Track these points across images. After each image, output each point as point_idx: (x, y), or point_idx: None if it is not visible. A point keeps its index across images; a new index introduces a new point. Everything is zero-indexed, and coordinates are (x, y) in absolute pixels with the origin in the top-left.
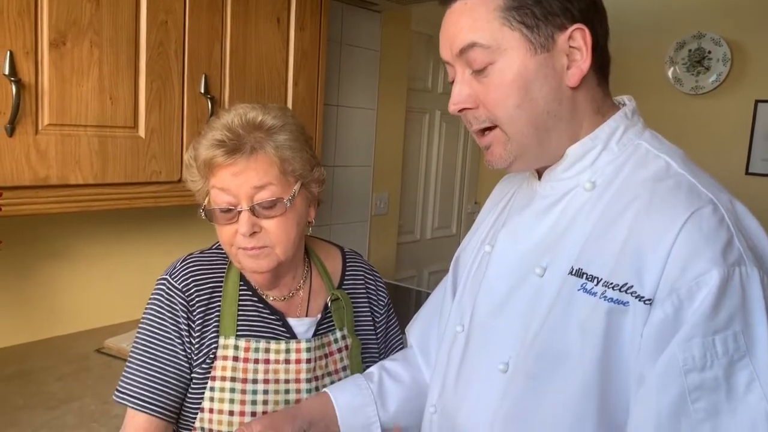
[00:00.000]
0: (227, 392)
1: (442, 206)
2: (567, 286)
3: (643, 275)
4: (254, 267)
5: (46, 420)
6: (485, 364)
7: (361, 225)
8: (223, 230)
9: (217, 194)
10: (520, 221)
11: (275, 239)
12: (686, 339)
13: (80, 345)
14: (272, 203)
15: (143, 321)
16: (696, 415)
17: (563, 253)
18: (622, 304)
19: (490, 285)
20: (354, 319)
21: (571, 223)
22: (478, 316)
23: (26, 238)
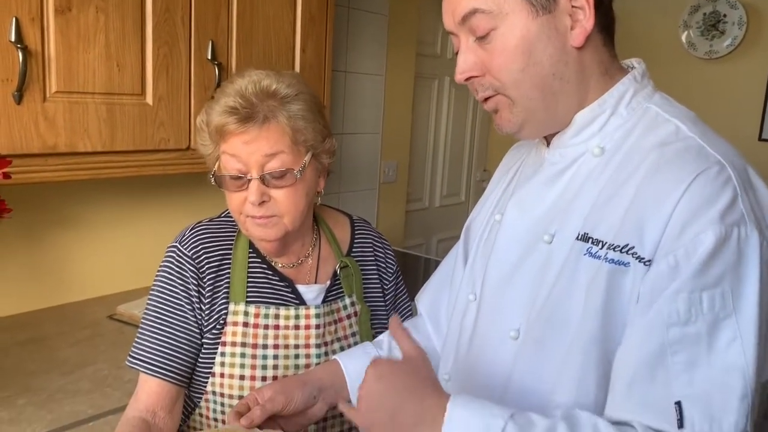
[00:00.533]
0: (238, 357)
1: (450, 174)
2: (574, 251)
3: (644, 236)
4: (262, 235)
5: (61, 385)
6: (497, 332)
7: (369, 193)
8: (232, 197)
9: (228, 160)
10: (529, 189)
11: (284, 209)
12: (673, 293)
13: (92, 311)
14: (282, 173)
15: (154, 288)
16: (674, 367)
17: (571, 219)
18: (623, 264)
19: (500, 254)
20: (363, 286)
21: (580, 190)
22: (489, 285)
23: (36, 206)
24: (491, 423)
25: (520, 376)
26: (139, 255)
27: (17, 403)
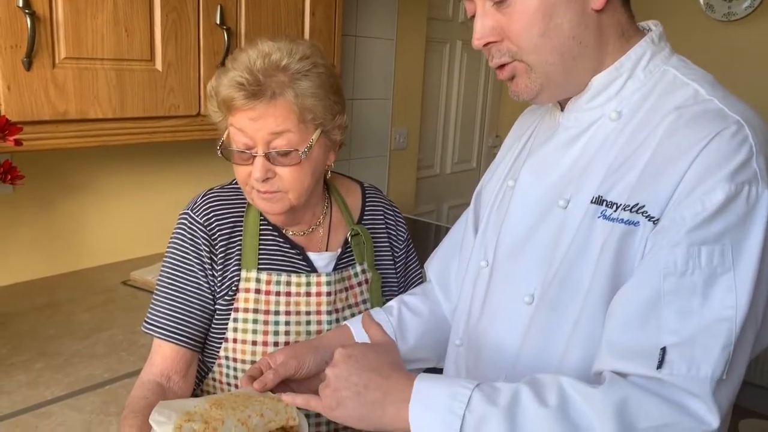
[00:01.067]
0: (250, 323)
1: (462, 140)
2: (588, 214)
3: (656, 196)
4: (266, 209)
5: (77, 349)
6: (511, 297)
7: (380, 160)
8: (238, 169)
9: (235, 134)
10: (544, 154)
11: (288, 186)
12: (672, 244)
13: (106, 277)
14: (287, 152)
15: (167, 255)
16: (666, 317)
17: (586, 183)
18: (633, 224)
19: (514, 219)
20: (374, 253)
21: (596, 154)
22: (502, 251)
23: (49, 173)
24: (457, 391)
25: (533, 340)
26: (151, 221)
27: (35, 366)
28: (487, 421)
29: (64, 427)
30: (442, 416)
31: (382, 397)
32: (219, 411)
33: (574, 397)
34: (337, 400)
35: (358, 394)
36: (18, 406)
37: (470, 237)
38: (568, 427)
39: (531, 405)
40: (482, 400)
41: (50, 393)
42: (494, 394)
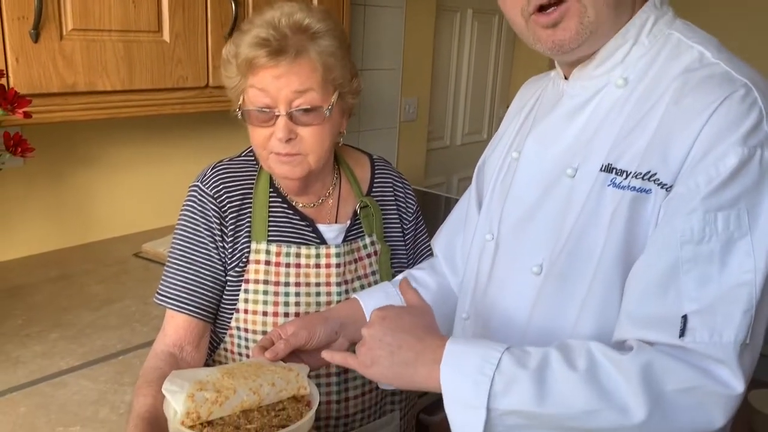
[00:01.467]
0: (260, 294)
1: (472, 111)
2: (597, 183)
3: (667, 163)
4: (285, 173)
5: (91, 320)
6: (518, 269)
7: (389, 131)
8: (256, 132)
9: (256, 95)
10: (549, 124)
11: (309, 147)
12: (688, 212)
13: (118, 249)
14: (311, 110)
15: (178, 227)
16: (686, 285)
17: (594, 151)
18: (644, 192)
19: (520, 191)
20: (383, 225)
21: (603, 122)
22: (508, 223)
23: (59, 146)
24: (488, 353)
25: (542, 311)
26: (161, 194)
27: (50, 337)
28: (517, 383)
29: (79, 396)
30: (472, 377)
31: (415, 358)
32: (231, 380)
33: (603, 362)
34: (372, 359)
35: (392, 354)
36: (34, 375)
37: (474, 212)
38: (597, 390)
39: (560, 368)
40: (512, 363)
41: (65, 363)
42: (524, 357)
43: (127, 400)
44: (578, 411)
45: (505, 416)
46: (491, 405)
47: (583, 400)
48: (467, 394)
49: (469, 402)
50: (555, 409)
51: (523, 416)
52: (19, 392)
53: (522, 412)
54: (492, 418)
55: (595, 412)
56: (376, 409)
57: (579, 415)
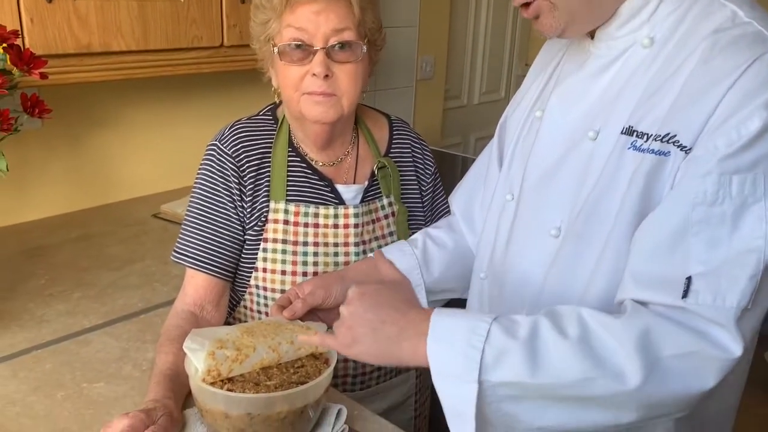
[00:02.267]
0: (279, 253)
1: (490, 69)
2: (618, 145)
3: (689, 125)
4: (318, 115)
5: (112, 280)
6: (537, 230)
7: (406, 90)
8: (290, 71)
9: (292, 33)
10: (573, 84)
11: (344, 88)
12: (704, 173)
13: (137, 210)
14: (349, 44)
15: (196, 186)
16: (694, 246)
17: (617, 113)
18: (663, 154)
19: (542, 151)
20: (401, 186)
21: (627, 83)
22: (529, 183)
23: (76, 108)
24: (476, 325)
25: (557, 273)
26: (178, 155)
27: (73, 296)
28: (508, 354)
29: (103, 353)
30: (461, 350)
31: (399, 333)
32: (250, 338)
33: (595, 328)
34: (353, 337)
35: (374, 330)
36: (59, 333)
37: (495, 169)
38: (591, 357)
39: (551, 337)
40: (502, 333)
41: (88, 321)
42: (513, 326)
43: (150, 357)
44: (572, 380)
45: (497, 387)
46: (483, 377)
47: (578, 369)
48: (457, 368)
49: (460, 375)
50: (548, 379)
51: (515, 387)
52: (44, 349)
53: (514, 383)
54: (484, 390)
55: (589, 380)
56: (393, 367)
57: (573, 384)
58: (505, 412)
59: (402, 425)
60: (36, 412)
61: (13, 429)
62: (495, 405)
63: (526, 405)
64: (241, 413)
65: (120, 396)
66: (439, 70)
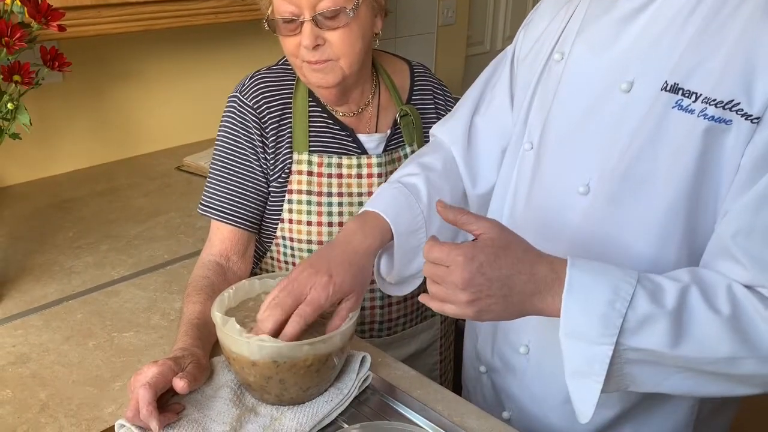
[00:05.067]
0: (304, 204)
1: (514, 12)
2: (660, 102)
3: (753, 91)
4: (319, 81)
5: (138, 232)
6: (562, 186)
7: (426, 37)
8: (286, 42)
9: (280, 4)
10: (601, 28)
11: (339, 52)
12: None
13: (160, 163)
14: (334, 13)
15: (219, 138)
16: None
17: (655, 65)
18: (724, 122)
19: (566, 100)
20: (423, 134)
21: (665, 30)
22: (554, 134)
23: (96, 60)
24: (619, 286)
25: (588, 235)
26: (201, 106)
27: (100, 248)
28: (652, 323)
29: (131, 303)
30: (602, 313)
31: (532, 293)
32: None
33: (748, 308)
34: (481, 308)
35: (505, 297)
36: (88, 285)
37: (506, 110)
38: (741, 338)
39: (701, 309)
40: (647, 299)
41: (116, 273)
42: (659, 292)
43: (177, 307)
44: (718, 357)
45: (631, 352)
46: (620, 340)
47: (725, 347)
48: (593, 330)
49: (595, 338)
50: (692, 353)
51: (652, 355)
52: (75, 300)
53: (653, 351)
54: (617, 353)
55: (737, 359)
56: (418, 314)
57: (718, 361)
58: (628, 373)
59: (427, 369)
60: (69, 360)
61: (48, 376)
62: (621, 366)
63: (653, 369)
64: (267, 361)
65: (149, 345)
66: (461, 15)
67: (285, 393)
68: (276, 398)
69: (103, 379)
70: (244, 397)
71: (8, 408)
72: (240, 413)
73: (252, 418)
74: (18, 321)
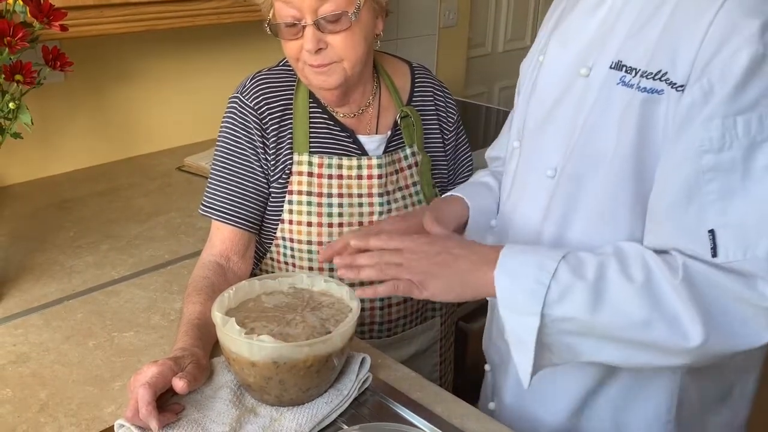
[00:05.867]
0: (304, 205)
1: (515, 15)
2: (608, 81)
3: (677, 60)
4: (322, 84)
5: (139, 232)
6: (534, 173)
7: (428, 38)
8: (288, 45)
9: (281, 7)
10: (570, 23)
11: (342, 54)
12: (707, 119)
13: (161, 163)
14: (336, 17)
15: (219, 139)
16: (708, 196)
17: (608, 48)
18: (656, 92)
19: (541, 94)
20: (423, 136)
21: (618, 18)
22: (529, 128)
23: (97, 60)
24: (544, 262)
25: (554, 215)
26: (202, 107)
27: (101, 248)
28: (572, 292)
29: (131, 303)
30: (528, 285)
31: (471, 266)
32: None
33: (658, 275)
34: (429, 274)
35: (449, 266)
36: (88, 284)
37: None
38: (652, 303)
39: (617, 279)
40: (568, 272)
41: (116, 273)
42: (581, 266)
43: (177, 307)
44: (632, 321)
45: (558, 322)
46: (545, 311)
47: (638, 312)
48: (523, 301)
49: (524, 309)
50: (608, 318)
51: (575, 323)
52: (75, 300)
53: (575, 319)
54: (545, 323)
55: (651, 323)
56: (418, 315)
57: (631, 326)
58: (566, 344)
59: (427, 370)
60: (69, 360)
61: (48, 375)
62: (556, 336)
63: (584, 340)
64: (267, 361)
65: (149, 345)
66: (462, 17)
67: (285, 394)
68: (276, 399)
69: (103, 378)
70: (244, 398)
71: (8, 407)
72: (240, 414)
73: (251, 418)
74: (18, 320)
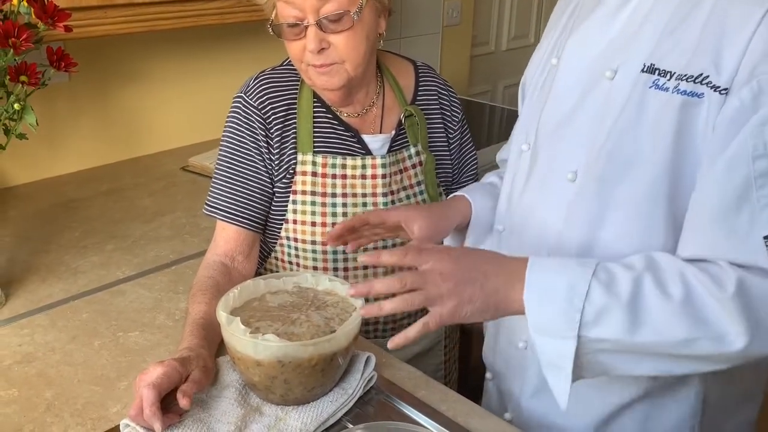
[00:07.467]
0: (308, 205)
1: (519, 13)
2: (639, 84)
3: (720, 63)
4: (325, 84)
5: (144, 232)
6: (552, 176)
7: (431, 37)
8: (291, 46)
9: (283, 8)
10: (589, 26)
11: (344, 54)
12: (759, 124)
13: (165, 163)
14: (339, 16)
15: (223, 139)
16: (759, 201)
17: (636, 51)
18: (696, 96)
19: (558, 97)
20: (428, 135)
21: (646, 19)
22: (545, 131)
23: (102, 61)
24: (576, 283)
25: (577, 218)
26: (206, 107)
27: (106, 248)
28: (608, 313)
29: (136, 303)
30: (561, 308)
31: (504, 283)
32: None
33: (698, 289)
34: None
35: (482, 286)
36: (93, 284)
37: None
38: (694, 320)
39: (654, 297)
40: (602, 292)
41: (122, 273)
42: (613, 283)
43: (182, 307)
44: (674, 341)
45: (593, 343)
46: (581, 333)
47: (681, 331)
48: (556, 325)
49: (558, 333)
50: (649, 338)
51: (614, 344)
52: (80, 300)
53: (613, 340)
54: (582, 344)
55: (692, 341)
56: (422, 314)
57: (675, 344)
58: (601, 362)
59: (432, 369)
60: (75, 360)
61: (54, 375)
62: (591, 356)
63: (621, 356)
64: (272, 360)
65: (154, 345)
66: (465, 15)
67: (290, 393)
68: (281, 398)
69: (109, 378)
70: (249, 397)
71: (14, 407)
72: (245, 413)
73: (257, 417)
74: (24, 320)
